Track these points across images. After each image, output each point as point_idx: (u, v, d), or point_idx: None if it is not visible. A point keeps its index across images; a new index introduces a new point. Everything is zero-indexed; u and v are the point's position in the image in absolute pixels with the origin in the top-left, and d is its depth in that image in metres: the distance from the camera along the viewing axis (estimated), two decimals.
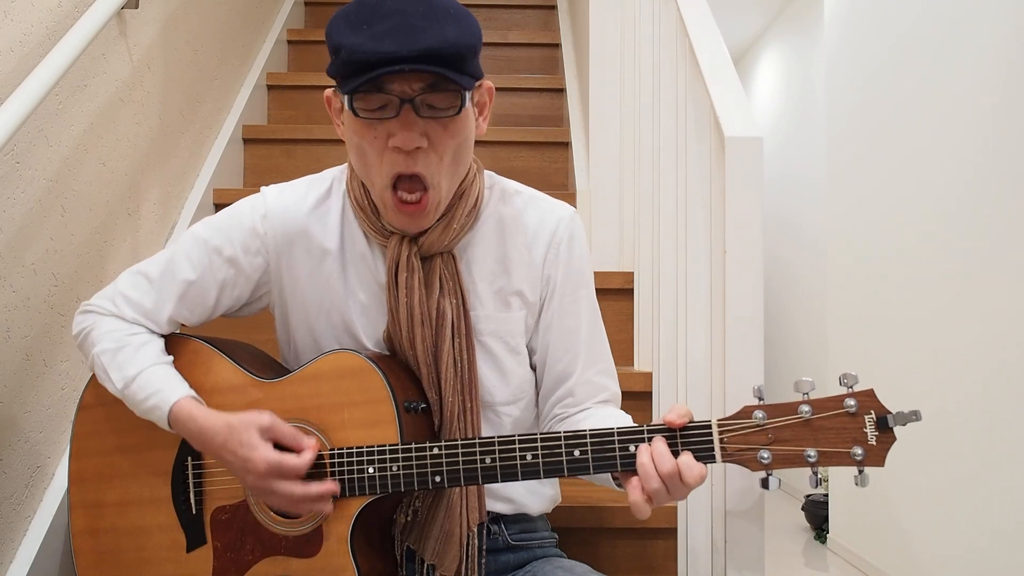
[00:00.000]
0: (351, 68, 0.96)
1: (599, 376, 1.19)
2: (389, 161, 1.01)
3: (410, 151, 1.00)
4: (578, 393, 1.17)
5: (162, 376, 1.09)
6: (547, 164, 2.75)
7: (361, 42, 0.94)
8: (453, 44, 0.96)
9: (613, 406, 1.20)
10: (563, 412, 1.18)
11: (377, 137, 1.01)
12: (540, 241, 1.16)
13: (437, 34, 0.95)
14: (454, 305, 1.10)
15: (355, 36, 0.95)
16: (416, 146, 0.99)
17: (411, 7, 0.96)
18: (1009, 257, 2.49)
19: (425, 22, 0.95)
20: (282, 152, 2.65)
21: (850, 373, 0.94)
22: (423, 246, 1.09)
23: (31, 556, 1.37)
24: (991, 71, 2.60)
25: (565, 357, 1.17)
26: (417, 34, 0.94)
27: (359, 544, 1.05)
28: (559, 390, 1.18)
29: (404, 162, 1.01)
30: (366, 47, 0.94)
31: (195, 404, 1.07)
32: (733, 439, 0.96)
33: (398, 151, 1.00)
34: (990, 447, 2.56)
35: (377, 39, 0.94)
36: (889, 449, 0.93)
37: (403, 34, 0.94)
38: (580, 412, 1.17)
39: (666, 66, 1.70)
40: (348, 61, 0.95)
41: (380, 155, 1.02)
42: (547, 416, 1.21)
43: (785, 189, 5.17)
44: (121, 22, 1.80)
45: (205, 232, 1.15)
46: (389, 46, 0.94)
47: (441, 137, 1.01)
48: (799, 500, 4.38)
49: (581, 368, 1.17)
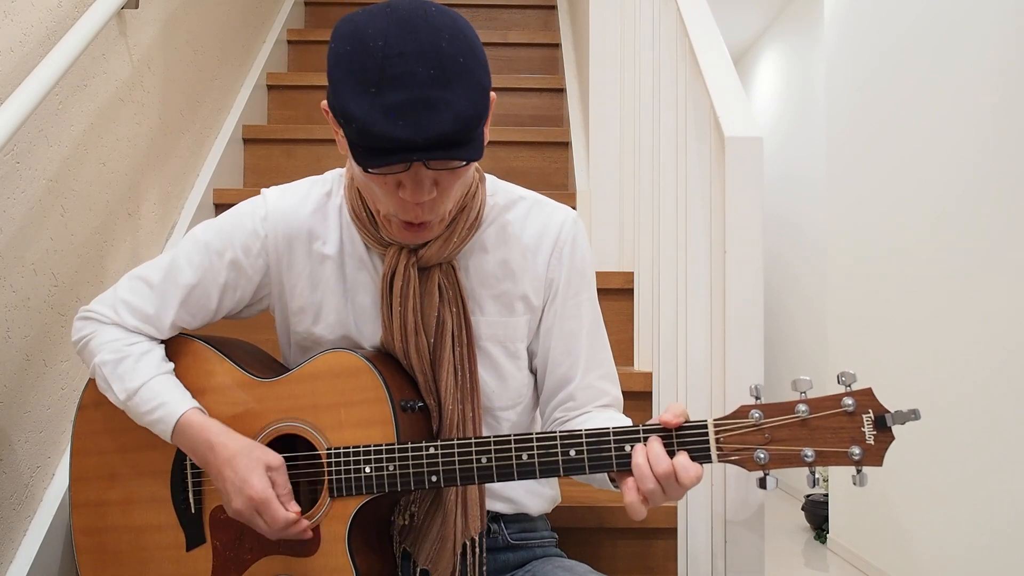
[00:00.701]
0: (364, 142, 0.91)
1: (600, 381, 1.18)
2: (397, 205, 0.99)
3: (421, 203, 0.98)
4: (579, 397, 1.17)
5: (165, 388, 1.09)
6: (547, 164, 2.75)
7: (373, 119, 0.89)
8: (465, 121, 0.91)
9: (614, 410, 1.20)
10: (564, 416, 1.18)
11: (387, 183, 0.97)
12: (544, 246, 1.15)
13: (450, 112, 0.90)
14: (454, 313, 1.10)
15: (364, 106, 0.90)
16: (427, 199, 0.97)
17: (421, 69, 0.90)
18: (1009, 257, 2.49)
19: (437, 91, 0.89)
20: (282, 152, 2.65)
21: (848, 372, 0.94)
22: (422, 258, 1.08)
23: (31, 556, 1.38)
24: (991, 71, 2.60)
25: (566, 361, 1.17)
26: (430, 113, 0.89)
27: (357, 544, 1.05)
28: (560, 394, 1.18)
29: (412, 211, 0.99)
30: (378, 127, 0.89)
31: (204, 416, 1.08)
32: (730, 439, 0.96)
33: (407, 202, 0.98)
34: (990, 447, 2.56)
35: (389, 119, 0.89)
36: (887, 449, 0.93)
37: (416, 114, 0.89)
38: (581, 416, 1.17)
39: (666, 66, 1.70)
40: (360, 137, 0.91)
41: (388, 196, 0.99)
42: (548, 420, 1.21)
43: (785, 189, 5.17)
44: (121, 22, 1.80)
45: (206, 235, 1.15)
46: (403, 131, 0.89)
47: (449, 182, 0.99)
48: (799, 500, 4.38)
49: (582, 373, 1.17)
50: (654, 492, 0.94)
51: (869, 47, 3.43)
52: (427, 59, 0.90)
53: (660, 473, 0.94)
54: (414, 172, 0.95)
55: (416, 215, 0.99)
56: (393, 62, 0.90)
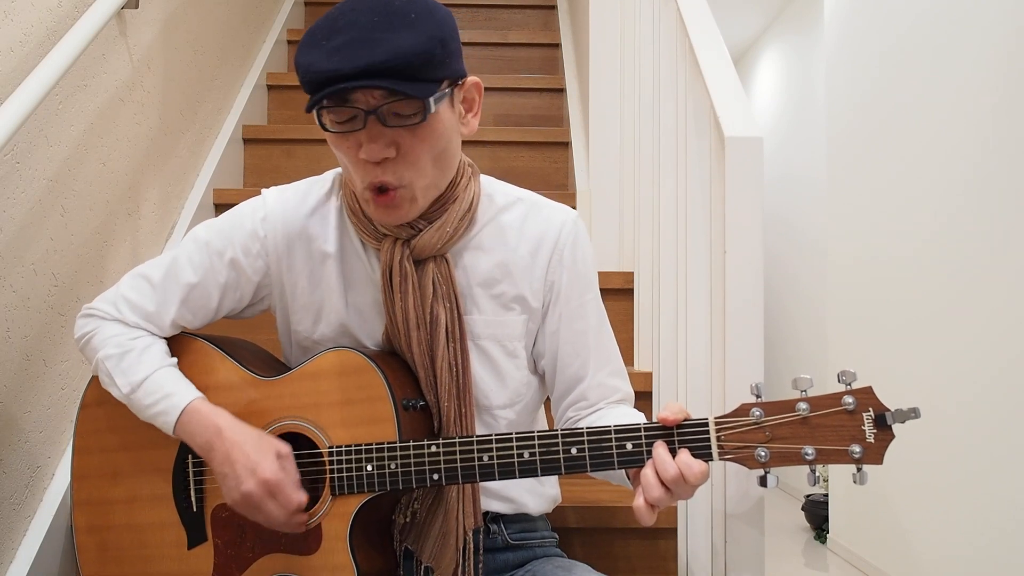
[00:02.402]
0: (307, 86, 0.97)
1: (611, 378, 1.19)
2: (362, 170, 1.02)
3: (378, 162, 1.00)
4: (591, 396, 1.18)
5: (170, 380, 1.09)
6: (547, 164, 2.75)
7: (313, 60, 0.95)
8: (401, 55, 0.93)
9: (627, 405, 1.21)
10: (576, 415, 1.19)
11: (350, 148, 1.01)
12: (543, 248, 1.15)
13: (386, 46, 0.93)
14: (448, 309, 1.10)
15: (311, 53, 0.96)
16: (383, 157, 0.99)
17: (364, 18, 0.95)
18: (1010, 257, 2.49)
19: (378, 33, 0.94)
20: (282, 152, 2.65)
21: (848, 370, 0.94)
22: (415, 248, 1.09)
23: (31, 556, 1.38)
24: (991, 71, 2.60)
25: (576, 362, 1.17)
26: (365, 48, 0.93)
27: (358, 542, 1.05)
28: (572, 394, 1.18)
29: (373, 171, 1.01)
30: (315, 66, 0.94)
31: (212, 404, 1.08)
32: (731, 437, 0.96)
33: (369, 163, 1.00)
34: (990, 447, 2.56)
35: (327, 56, 0.94)
36: (887, 447, 0.93)
37: (352, 50, 0.94)
38: (594, 413, 1.18)
39: (666, 66, 1.70)
40: (303, 80, 0.97)
41: (354, 165, 1.02)
42: (561, 419, 1.21)
43: (785, 189, 5.17)
44: (121, 22, 1.80)
45: (207, 235, 1.15)
46: (334, 63, 0.93)
47: (411, 144, 1.01)
48: (799, 500, 4.38)
49: (592, 371, 1.17)
50: (661, 499, 0.94)
51: (869, 47, 3.43)
52: (374, 10, 0.96)
53: (668, 479, 0.94)
54: (370, 128, 0.98)
55: (375, 175, 1.01)
56: (346, 16, 0.96)
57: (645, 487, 0.95)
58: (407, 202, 1.04)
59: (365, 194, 1.04)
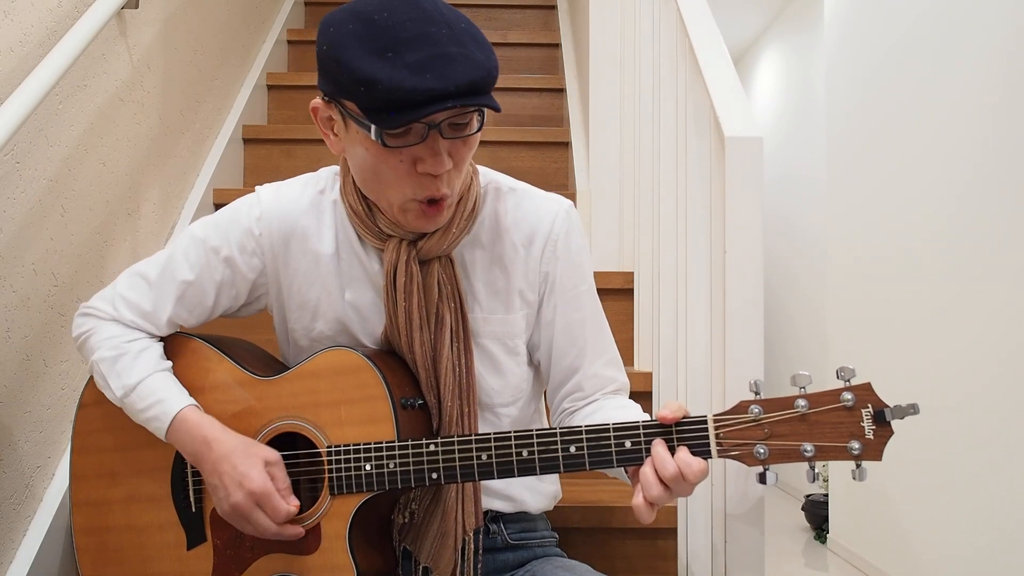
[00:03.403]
0: (392, 104, 0.92)
1: (606, 368, 1.19)
2: (416, 184, 1.00)
3: (440, 175, 0.99)
4: (587, 387, 1.18)
5: (162, 385, 1.09)
6: (547, 164, 2.75)
7: (401, 77, 0.90)
8: (489, 71, 0.94)
9: (622, 396, 1.21)
10: (572, 406, 1.19)
11: (402, 162, 0.99)
12: (537, 239, 1.15)
13: (472, 62, 0.93)
14: (453, 309, 1.10)
15: (387, 68, 0.91)
16: (446, 170, 0.99)
17: (433, 31, 0.93)
18: (1010, 257, 2.49)
19: (456, 48, 0.93)
20: (282, 152, 2.65)
21: (847, 366, 0.93)
22: (421, 250, 1.08)
23: (31, 556, 1.38)
24: (991, 71, 2.60)
25: (571, 352, 1.17)
26: (455, 64, 0.92)
27: (357, 542, 1.05)
28: (567, 385, 1.18)
29: (434, 185, 1.00)
30: (408, 83, 0.90)
31: (201, 413, 1.08)
32: (729, 434, 0.96)
33: (428, 176, 0.99)
34: (990, 447, 2.56)
35: (416, 74, 0.90)
36: (887, 443, 0.93)
37: (441, 66, 0.91)
38: (589, 404, 1.18)
39: (666, 66, 1.70)
40: (385, 97, 0.91)
41: (403, 178, 1.00)
42: (556, 411, 1.21)
43: (785, 189, 5.17)
44: (121, 22, 1.80)
45: (203, 232, 1.15)
46: (433, 82, 0.91)
47: (462, 153, 1.01)
48: (799, 500, 4.38)
49: (588, 362, 1.17)
50: (660, 497, 0.94)
51: (869, 47, 3.43)
52: (436, 22, 0.94)
53: (667, 477, 0.94)
54: (431, 143, 0.97)
55: (438, 188, 1.00)
56: (404, 27, 0.93)
57: (644, 485, 0.95)
58: (447, 209, 1.05)
59: (410, 205, 1.03)
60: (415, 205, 1.02)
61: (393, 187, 1.01)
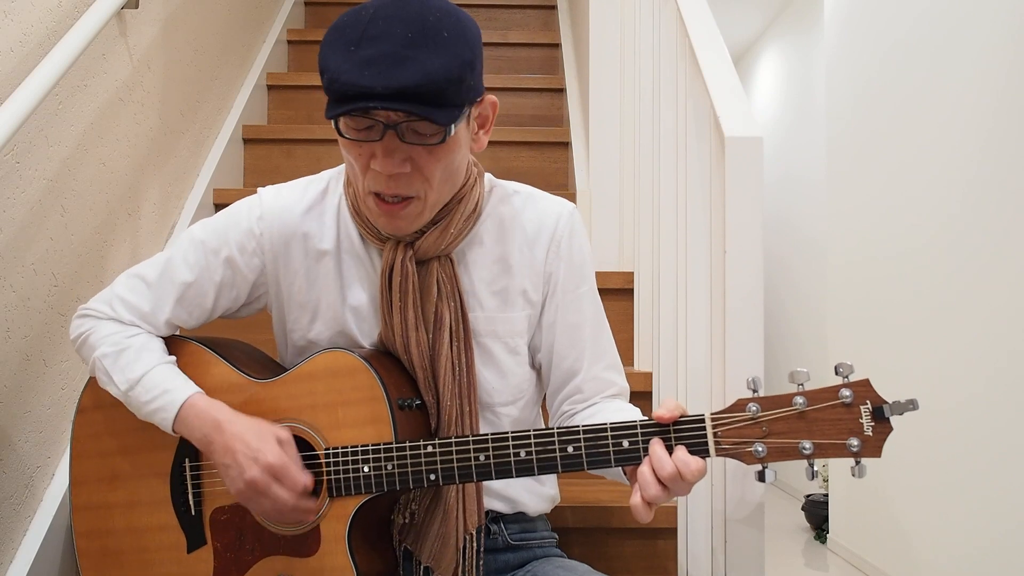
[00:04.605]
0: (332, 93, 0.95)
1: (606, 371, 1.19)
2: (371, 178, 1.01)
3: (391, 175, 1.00)
4: (586, 389, 1.18)
5: (167, 376, 1.09)
6: (547, 164, 2.75)
7: (345, 69, 0.93)
8: (433, 80, 0.93)
9: (622, 400, 1.21)
10: (571, 409, 1.19)
11: (362, 155, 1.00)
12: (541, 240, 1.15)
13: (418, 68, 0.92)
14: (452, 308, 1.10)
15: (340, 59, 0.94)
16: (396, 171, 0.99)
17: (399, 30, 0.94)
18: (1009, 257, 2.49)
19: (411, 51, 0.93)
20: (282, 152, 2.65)
21: (846, 363, 0.93)
22: (419, 251, 1.09)
23: (31, 556, 1.37)
24: (991, 71, 2.60)
25: (571, 354, 1.17)
26: (398, 67, 0.92)
27: (357, 543, 1.05)
28: (567, 387, 1.18)
29: (384, 183, 1.01)
30: (346, 76, 0.93)
31: (209, 399, 1.08)
32: (727, 433, 0.96)
33: (379, 173, 1.00)
34: (990, 447, 2.56)
35: (358, 69, 0.92)
36: (886, 440, 0.92)
37: (385, 66, 0.92)
38: (588, 408, 1.18)
39: (666, 66, 1.70)
40: (329, 87, 0.95)
41: (364, 171, 1.01)
42: (556, 413, 1.21)
43: (785, 189, 5.17)
44: (121, 22, 1.80)
45: (202, 234, 1.15)
46: (367, 79, 0.92)
47: (426, 161, 1.00)
48: (799, 500, 4.38)
49: (588, 364, 1.17)
50: (657, 497, 0.94)
51: (869, 47, 3.43)
52: (408, 24, 0.94)
53: (665, 476, 0.94)
54: (387, 142, 0.97)
55: (387, 186, 1.00)
56: (376, 24, 0.94)
57: (642, 485, 0.95)
58: (414, 215, 1.05)
59: (368, 199, 1.04)
60: (372, 201, 1.03)
61: (358, 176, 1.03)
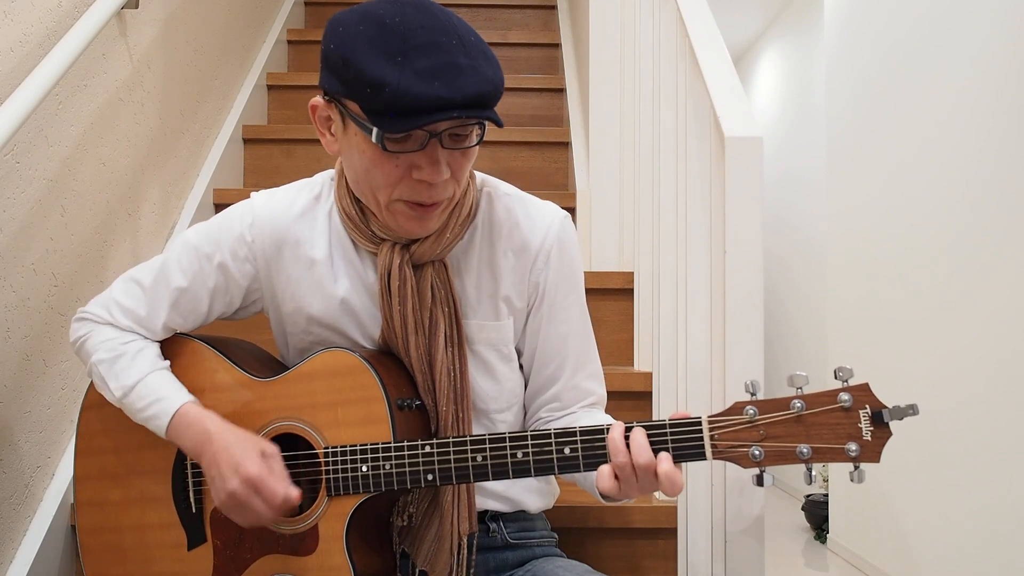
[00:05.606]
0: (397, 108, 0.91)
1: (586, 381, 1.19)
2: (409, 188, 1.00)
3: (435, 184, 0.99)
4: (565, 398, 1.18)
5: (161, 384, 1.09)
6: (547, 164, 2.75)
7: (409, 82, 0.90)
8: (495, 85, 0.95)
9: (599, 410, 1.21)
10: (548, 416, 1.19)
11: (398, 167, 0.99)
12: (529, 248, 1.14)
13: (481, 76, 0.93)
14: (447, 314, 1.10)
15: (396, 72, 0.91)
16: (443, 179, 0.99)
17: (444, 40, 0.93)
18: (1010, 257, 2.49)
19: (464, 59, 0.93)
20: (282, 152, 2.65)
21: (845, 367, 0.92)
22: (415, 254, 1.08)
23: (31, 556, 1.38)
24: (991, 71, 2.60)
25: (554, 362, 1.17)
26: (464, 76, 0.92)
27: (355, 543, 1.05)
28: (546, 394, 1.19)
29: (427, 192, 1.00)
30: (415, 89, 0.90)
31: (201, 408, 1.08)
32: (724, 436, 0.95)
33: (423, 183, 0.99)
34: (990, 447, 2.56)
35: (425, 80, 0.90)
36: (885, 445, 0.92)
37: (450, 76, 0.91)
38: (566, 416, 1.18)
39: (666, 66, 1.70)
40: (392, 101, 0.91)
41: (397, 181, 1.00)
42: (532, 419, 1.21)
43: (785, 189, 5.17)
44: (121, 22, 1.80)
45: (196, 238, 1.15)
46: (441, 90, 0.91)
47: (460, 164, 1.01)
48: (799, 500, 4.38)
49: (569, 373, 1.17)
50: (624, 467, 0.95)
51: (869, 47, 3.43)
52: (447, 32, 0.94)
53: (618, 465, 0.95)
54: (430, 151, 0.97)
55: (430, 195, 1.00)
56: (416, 34, 0.93)
57: (613, 452, 0.96)
58: (440, 214, 1.05)
59: (397, 205, 1.03)
60: (402, 205, 1.02)
61: (383, 188, 1.01)
